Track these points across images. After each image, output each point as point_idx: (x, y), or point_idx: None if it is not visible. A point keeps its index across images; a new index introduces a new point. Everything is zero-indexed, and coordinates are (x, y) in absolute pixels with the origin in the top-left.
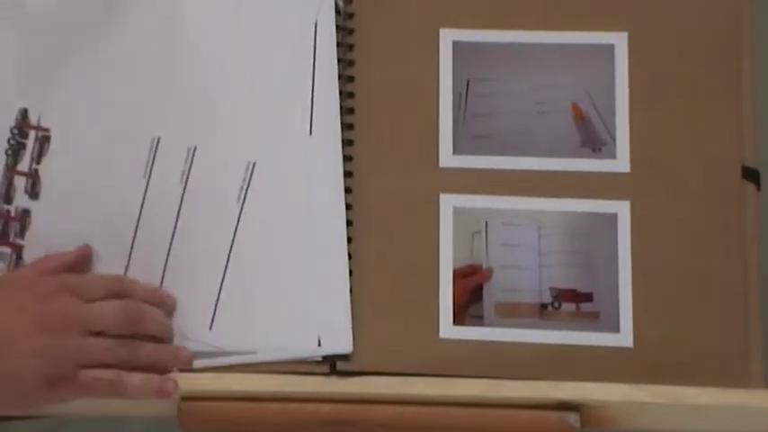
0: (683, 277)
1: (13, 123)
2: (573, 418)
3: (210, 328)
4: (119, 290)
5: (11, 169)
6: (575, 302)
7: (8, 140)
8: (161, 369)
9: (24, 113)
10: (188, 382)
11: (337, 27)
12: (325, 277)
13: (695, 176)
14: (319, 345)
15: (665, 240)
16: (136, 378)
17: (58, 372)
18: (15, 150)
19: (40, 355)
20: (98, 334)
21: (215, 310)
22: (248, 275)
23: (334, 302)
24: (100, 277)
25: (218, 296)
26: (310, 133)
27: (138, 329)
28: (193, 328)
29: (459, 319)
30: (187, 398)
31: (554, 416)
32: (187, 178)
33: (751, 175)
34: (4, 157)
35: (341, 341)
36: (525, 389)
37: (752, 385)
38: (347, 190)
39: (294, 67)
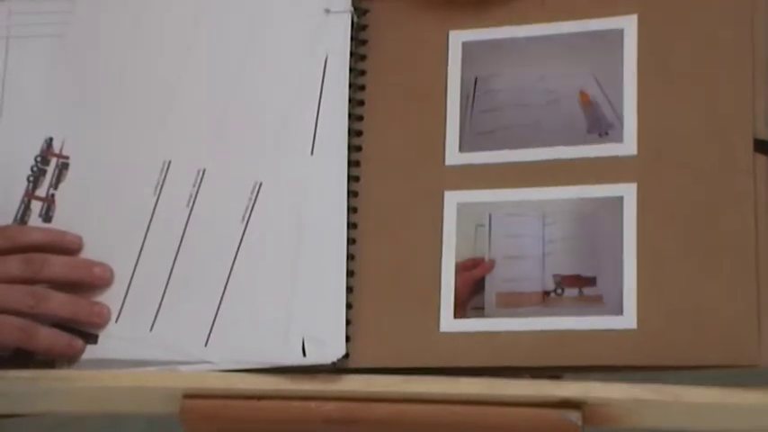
0: (690, 256)
1: (37, 152)
2: (575, 416)
3: (206, 344)
4: (11, 235)
5: (29, 194)
6: (578, 287)
7: (31, 168)
8: (79, 323)
9: (49, 142)
10: (190, 380)
11: (351, 38)
12: (321, 291)
13: (705, 154)
14: (304, 355)
15: (673, 220)
16: (45, 330)
17: None
18: (36, 177)
19: None
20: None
21: (212, 328)
22: (245, 294)
23: (326, 313)
24: None
25: (216, 314)
26: (312, 153)
27: (42, 273)
28: (189, 345)
29: (460, 311)
30: (189, 395)
31: (556, 414)
32: (195, 200)
33: (763, 146)
34: (25, 183)
35: (328, 350)
36: (527, 387)
37: (764, 362)
38: (354, 194)
39: (301, 92)
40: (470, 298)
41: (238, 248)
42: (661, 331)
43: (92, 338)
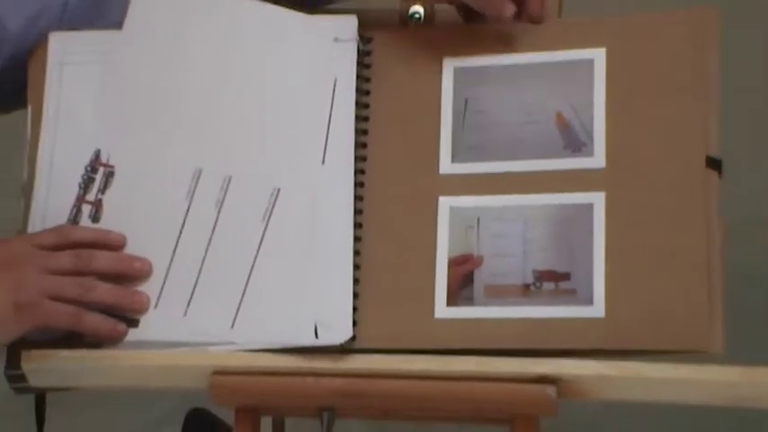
0: (651, 255)
1: (87, 162)
2: (551, 390)
3: (232, 327)
4: (64, 233)
5: (80, 198)
6: (554, 281)
7: (82, 176)
8: (122, 309)
9: (98, 154)
10: (218, 358)
11: (357, 63)
12: (330, 282)
13: (664, 167)
14: (317, 337)
15: (637, 224)
16: (93, 316)
17: (24, 298)
18: (87, 183)
19: (6, 287)
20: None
21: (237, 313)
22: (265, 284)
23: (335, 302)
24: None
25: (240, 301)
26: (323, 163)
27: (90, 266)
28: (217, 329)
29: (452, 301)
30: (217, 372)
31: (535, 388)
32: (222, 203)
33: (714, 163)
34: (77, 188)
35: (337, 333)
36: (510, 365)
37: (714, 348)
38: (359, 198)
39: (313, 109)
40: (461, 289)
41: (259, 245)
42: (626, 320)
43: (133, 323)
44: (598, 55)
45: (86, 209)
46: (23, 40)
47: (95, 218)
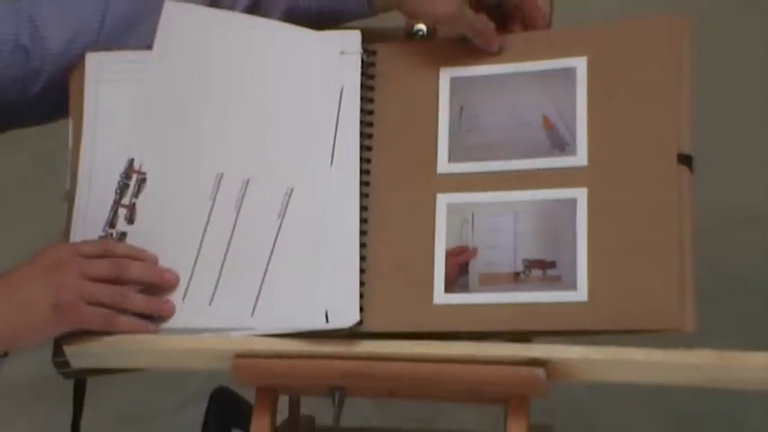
0: (629, 245)
1: (122, 170)
2: (541, 372)
3: (252, 315)
4: (105, 246)
5: (117, 202)
6: (542, 269)
7: (118, 182)
8: (151, 316)
9: (131, 162)
10: (240, 343)
11: (362, 73)
12: (339, 272)
13: (640, 165)
14: (327, 322)
15: (615, 217)
16: (125, 318)
17: (64, 301)
18: (122, 189)
19: (48, 288)
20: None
21: (256, 302)
22: (281, 276)
23: (344, 290)
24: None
25: (259, 291)
26: (331, 164)
27: (125, 275)
28: (238, 316)
29: (449, 288)
30: (239, 355)
31: (526, 370)
32: (241, 203)
33: (685, 160)
34: (113, 194)
35: (346, 318)
36: (504, 349)
37: (685, 327)
38: (365, 195)
39: (322, 116)
40: (458, 278)
41: (275, 241)
42: (606, 303)
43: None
44: (580, 63)
45: (122, 212)
46: (63, 59)
47: (130, 220)
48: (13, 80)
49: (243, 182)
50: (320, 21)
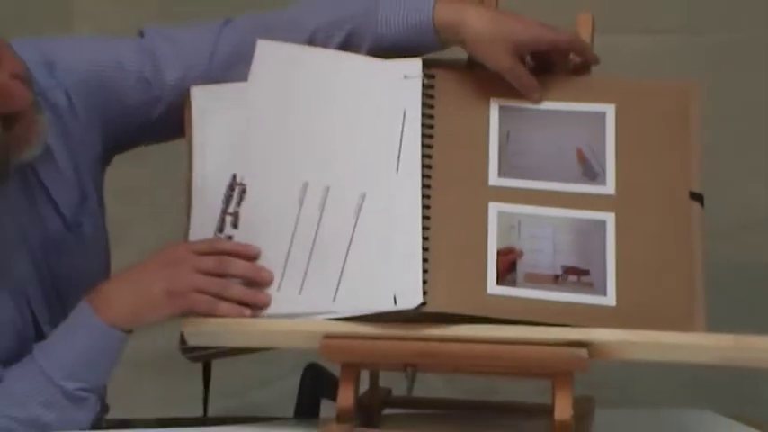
0: (649, 261)
1: (227, 183)
2: (583, 352)
3: (334, 300)
4: (214, 244)
5: (224, 211)
6: (577, 276)
7: (224, 194)
8: (249, 305)
9: (234, 176)
10: (326, 325)
11: (423, 95)
12: (406, 263)
13: (658, 197)
14: (395, 304)
15: (638, 238)
16: (225, 305)
17: (175, 288)
18: (227, 199)
19: (163, 279)
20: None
21: (337, 289)
22: (358, 266)
23: (410, 277)
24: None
25: (339, 280)
26: (397, 171)
27: (228, 270)
28: (322, 302)
29: (500, 281)
30: (327, 336)
31: (570, 350)
32: (323, 206)
33: (696, 197)
34: (221, 203)
35: (411, 300)
36: (550, 332)
37: (696, 330)
38: (427, 197)
39: (389, 132)
40: (507, 273)
41: (352, 236)
42: (631, 308)
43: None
44: (609, 109)
45: (228, 219)
46: (179, 89)
47: (235, 225)
48: (138, 105)
49: (324, 189)
50: (399, 54)
